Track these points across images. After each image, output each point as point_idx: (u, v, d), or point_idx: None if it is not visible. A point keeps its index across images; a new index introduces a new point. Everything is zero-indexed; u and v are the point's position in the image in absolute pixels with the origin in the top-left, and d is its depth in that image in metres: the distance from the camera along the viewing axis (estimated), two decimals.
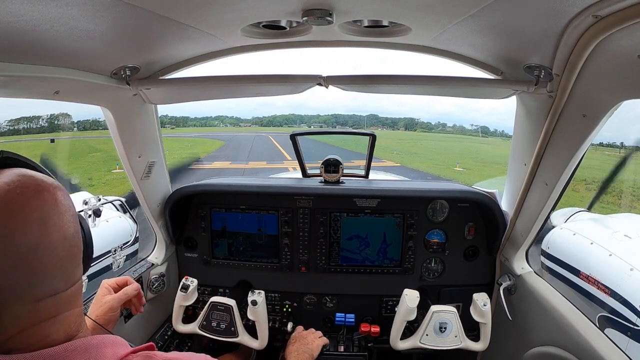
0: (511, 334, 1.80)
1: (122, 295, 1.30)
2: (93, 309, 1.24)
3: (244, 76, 1.46)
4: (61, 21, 0.88)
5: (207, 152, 29.18)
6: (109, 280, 1.36)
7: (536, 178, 1.57)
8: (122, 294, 1.30)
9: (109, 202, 3.71)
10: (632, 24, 0.83)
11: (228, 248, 2.11)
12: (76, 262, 0.73)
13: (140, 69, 1.39)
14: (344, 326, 2.05)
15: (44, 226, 0.65)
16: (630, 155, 4.35)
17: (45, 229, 0.65)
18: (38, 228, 0.64)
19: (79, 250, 0.74)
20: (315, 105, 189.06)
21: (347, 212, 2.03)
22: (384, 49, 1.47)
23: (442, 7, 1.01)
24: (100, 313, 1.23)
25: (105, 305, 1.24)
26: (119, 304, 1.28)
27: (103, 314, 1.23)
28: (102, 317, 1.22)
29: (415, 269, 2.06)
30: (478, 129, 77.03)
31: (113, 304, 1.26)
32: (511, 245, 1.88)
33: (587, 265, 2.91)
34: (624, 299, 2.51)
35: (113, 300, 1.27)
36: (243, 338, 1.74)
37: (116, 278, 1.38)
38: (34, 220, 0.64)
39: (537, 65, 1.23)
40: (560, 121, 1.34)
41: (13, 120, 19.06)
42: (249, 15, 1.10)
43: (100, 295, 1.29)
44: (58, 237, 0.67)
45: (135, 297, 1.36)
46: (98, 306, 1.25)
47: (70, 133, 20.52)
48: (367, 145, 2.10)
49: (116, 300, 1.27)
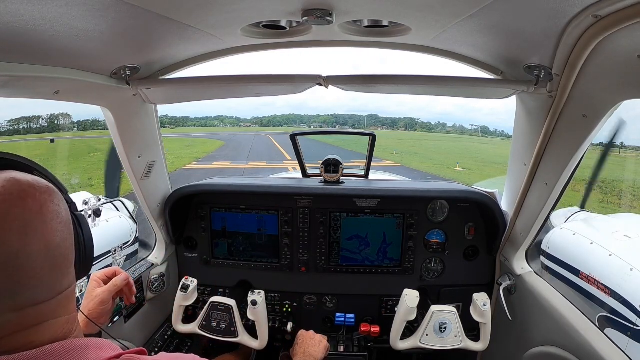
0: (511, 334, 1.80)
1: (111, 287, 1.26)
2: (85, 303, 1.22)
3: (244, 76, 1.46)
4: (61, 21, 0.88)
5: (207, 152, 29.18)
6: (97, 272, 1.32)
7: (536, 178, 1.57)
8: (111, 286, 1.26)
9: (109, 202, 3.71)
10: (632, 24, 0.83)
11: (228, 248, 2.11)
12: (62, 271, 0.70)
13: (140, 69, 1.39)
14: (344, 326, 2.06)
15: (25, 236, 0.63)
16: (609, 151, 4.33)
17: (26, 239, 0.63)
18: (18, 238, 0.62)
19: (66, 259, 0.71)
20: (315, 105, 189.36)
21: (347, 212, 2.03)
22: (383, 49, 1.47)
23: (442, 7, 1.01)
24: (92, 307, 1.20)
25: (96, 299, 1.21)
26: (110, 296, 1.25)
27: (94, 308, 1.20)
28: (94, 311, 1.19)
29: (415, 269, 2.06)
30: (478, 129, 77.15)
31: (103, 297, 1.22)
32: (511, 245, 1.88)
33: (587, 265, 2.90)
34: (624, 299, 2.51)
35: (103, 293, 1.23)
36: (243, 338, 1.74)
37: (104, 270, 1.32)
38: (14, 229, 0.62)
39: (537, 65, 1.23)
40: (560, 121, 1.34)
41: (13, 120, 19.08)
42: (249, 15, 1.10)
43: (91, 289, 1.26)
44: (40, 246, 0.64)
45: (126, 287, 1.32)
46: (89, 300, 1.22)
47: (70, 133, 20.56)
48: (367, 145, 2.10)
49: (106, 293, 1.24)
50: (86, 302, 1.22)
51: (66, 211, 0.74)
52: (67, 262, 0.71)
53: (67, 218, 0.73)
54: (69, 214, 0.75)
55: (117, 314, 1.63)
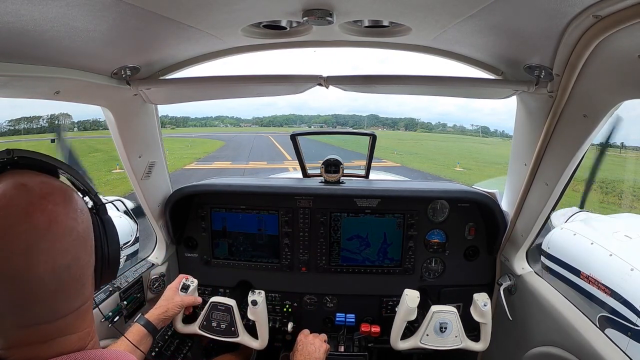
0: (511, 334, 1.80)
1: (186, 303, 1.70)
2: (162, 303, 1.63)
3: (244, 76, 1.46)
4: (61, 21, 0.88)
5: (208, 152, 29.18)
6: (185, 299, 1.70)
7: (536, 178, 1.57)
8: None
9: (110, 202, 3.72)
10: (632, 24, 0.83)
11: (228, 248, 2.11)
12: (70, 293, 0.64)
13: (140, 69, 1.39)
14: (345, 326, 2.05)
15: (29, 257, 0.57)
16: (605, 150, 4.33)
17: (30, 260, 0.57)
18: (21, 258, 0.57)
19: (77, 280, 0.65)
20: (316, 106, 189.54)
21: (347, 212, 2.03)
22: (384, 49, 1.47)
23: (442, 7, 1.01)
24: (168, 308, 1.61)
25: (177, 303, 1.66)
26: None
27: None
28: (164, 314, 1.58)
29: (415, 269, 2.06)
30: (478, 129, 77.18)
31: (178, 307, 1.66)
32: (511, 246, 1.88)
33: (588, 266, 2.90)
34: (624, 299, 2.51)
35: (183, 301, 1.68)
36: (243, 338, 1.74)
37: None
38: (17, 250, 0.56)
39: (538, 65, 1.23)
40: (561, 121, 1.34)
41: (13, 120, 19.09)
42: (249, 15, 1.10)
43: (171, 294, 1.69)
44: (45, 269, 0.59)
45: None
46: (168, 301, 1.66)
47: (71, 133, 20.56)
48: (368, 145, 2.10)
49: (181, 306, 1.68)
50: (164, 302, 1.62)
51: (85, 222, 0.67)
52: (79, 282, 0.66)
53: (84, 231, 0.66)
54: (88, 223, 0.69)
55: (117, 314, 1.63)
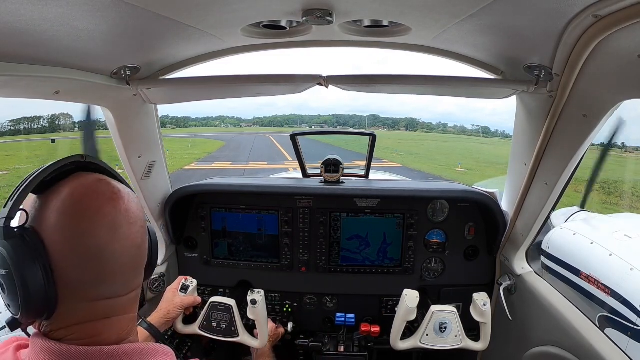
0: (511, 334, 1.80)
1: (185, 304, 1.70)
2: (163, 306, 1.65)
3: (244, 76, 1.46)
4: (61, 21, 0.88)
5: (208, 152, 29.19)
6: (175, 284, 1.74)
7: (536, 178, 1.57)
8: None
9: None
10: (632, 24, 0.83)
11: (228, 248, 2.11)
12: (138, 271, 0.76)
13: (140, 69, 1.38)
14: (344, 326, 2.05)
15: (113, 232, 0.68)
16: (607, 151, 4.32)
17: (114, 235, 0.68)
18: (107, 233, 0.67)
19: (142, 261, 0.76)
20: (316, 106, 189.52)
21: (347, 212, 2.03)
22: (384, 49, 1.47)
23: (442, 7, 1.01)
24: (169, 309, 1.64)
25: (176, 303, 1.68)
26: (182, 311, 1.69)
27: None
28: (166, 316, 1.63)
29: (415, 269, 2.06)
30: (479, 130, 77.14)
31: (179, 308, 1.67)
32: (511, 245, 1.88)
33: (588, 265, 2.89)
34: (624, 298, 2.50)
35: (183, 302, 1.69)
36: (243, 338, 1.74)
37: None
38: (105, 226, 0.67)
39: (537, 65, 1.23)
40: (561, 121, 1.34)
41: (14, 120, 19.10)
42: (249, 15, 1.10)
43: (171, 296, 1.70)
44: (125, 244, 0.69)
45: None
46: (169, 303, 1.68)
47: (71, 133, 20.53)
48: (368, 145, 2.10)
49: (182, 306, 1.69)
50: (165, 304, 1.66)
51: (144, 219, 0.78)
52: (142, 263, 0.77)
53: (145, 224, 0.78)
54: (145, 221, 0.80)
55: None
